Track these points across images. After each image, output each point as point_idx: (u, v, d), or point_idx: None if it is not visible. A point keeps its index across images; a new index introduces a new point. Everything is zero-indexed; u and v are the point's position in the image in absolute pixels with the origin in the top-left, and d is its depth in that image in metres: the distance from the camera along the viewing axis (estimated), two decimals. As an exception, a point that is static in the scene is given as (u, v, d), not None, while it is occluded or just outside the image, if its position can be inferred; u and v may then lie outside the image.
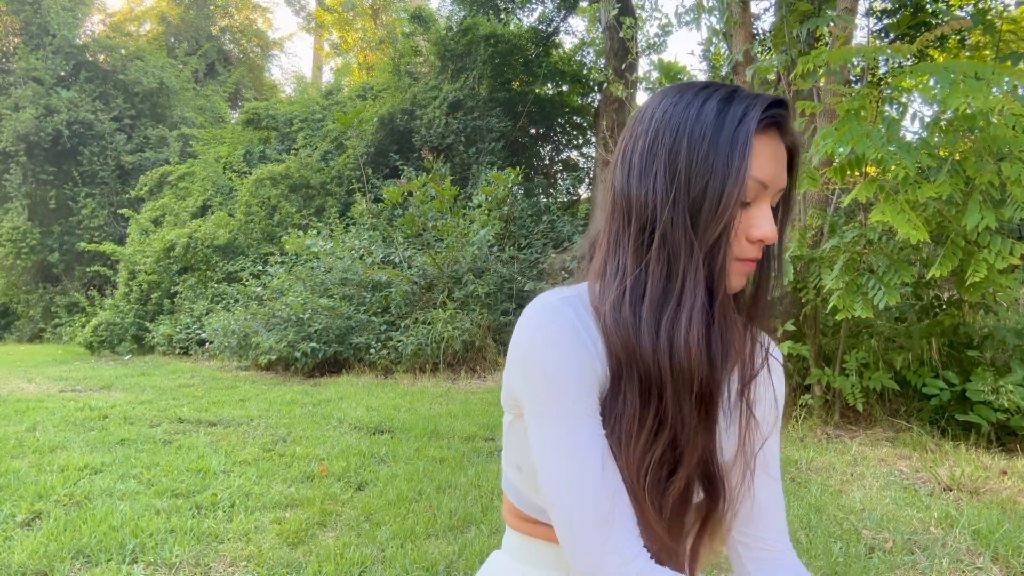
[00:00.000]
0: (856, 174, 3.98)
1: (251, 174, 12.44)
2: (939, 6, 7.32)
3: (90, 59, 16.85)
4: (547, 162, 14.37)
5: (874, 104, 3.82)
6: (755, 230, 0.75)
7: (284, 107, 15.05)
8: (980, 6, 7.27)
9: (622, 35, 9.02)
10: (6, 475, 3.76)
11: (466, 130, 11.71)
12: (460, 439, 4.65)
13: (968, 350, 4.56)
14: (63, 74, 16.30)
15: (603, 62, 12.58)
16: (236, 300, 10.27)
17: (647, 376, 0.73)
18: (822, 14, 5.24)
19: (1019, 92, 3.31)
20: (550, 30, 13.46)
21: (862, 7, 5.86)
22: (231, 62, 21.89)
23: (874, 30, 7.69)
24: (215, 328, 9.21)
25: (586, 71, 13.74)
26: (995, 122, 3.55)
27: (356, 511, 3.25)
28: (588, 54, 13.91)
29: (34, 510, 3.20)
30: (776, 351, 0.90)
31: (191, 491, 3.52)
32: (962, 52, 7.51)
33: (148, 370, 9.07)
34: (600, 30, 12.51)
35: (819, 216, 4.88)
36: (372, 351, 8.14)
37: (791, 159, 0.80)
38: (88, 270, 15.35)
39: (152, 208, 13.96)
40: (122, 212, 14.39)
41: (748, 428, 0.83)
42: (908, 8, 7.51)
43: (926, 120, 3.88)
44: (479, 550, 2.74)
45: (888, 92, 3.87)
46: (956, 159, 3.65)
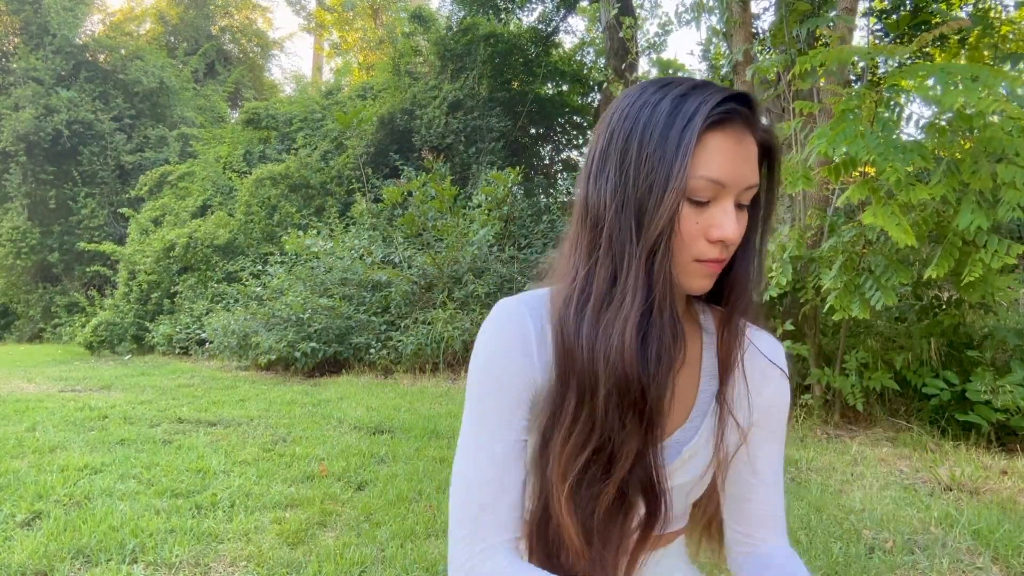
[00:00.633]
0: (856, 174, 3.98)
1: (251, 174, 12.44)
2: (939, 6, 7.32)
3: (90, 59, 16.84)
4: (547, 162, 14.37)
5: (871, 104, 3.82)
6: (714, 230, 0.71)
7: (284, 107, 15.04)
8: (980, 6, 7.28)
9: (622, 35, 9.02)
10: (6, 475, 3.76)
11: (466, 130, 11.71)
12: (460, 439, 4.65)
13: (968, 350, 4.56)
14: (63, 74, 16.30)
15: (603, 62, 12.58)
16: (236, 300, 10.27)
17: (583, 379, 0.73)
18: (821, 14, 5.24)
19: (1019, 93, 3.30)
20: (550, 30, 13.46)
21: (862, 7, 5.87)
22: (231, 62, 21.89)
23: (873, 30, 7.70)
24: (215, 328, 9.21)
25: (586, 71, 13.74)
26: (995, 121, 3.54)
27: (356, 511, 3.25)
28: (588, 54, 13.91)
29: (34, 510, 3.20)
30: (779, 358, 0.87)
31: (191, 491, 3.52)
32: (962, 52, 7.51)
33: (148, 370, 9.07)
34: (600, 30, 12.52)
35: (818, 216, 4.88)
36: (372, 351, 8.15)
37: (767, 156, 0.77)
38: (88, 270, 15.35)
39: (152, 208, 13.96)
40: (122, 212, 14.40)
41: (722, 430, 0.82)
42: (907, 8, 7.52)
43: (922, 122, 3.88)
44: (479, 550, 2.73)
45: (887, 94, 3.86)
46: (954, 159, 3.64)
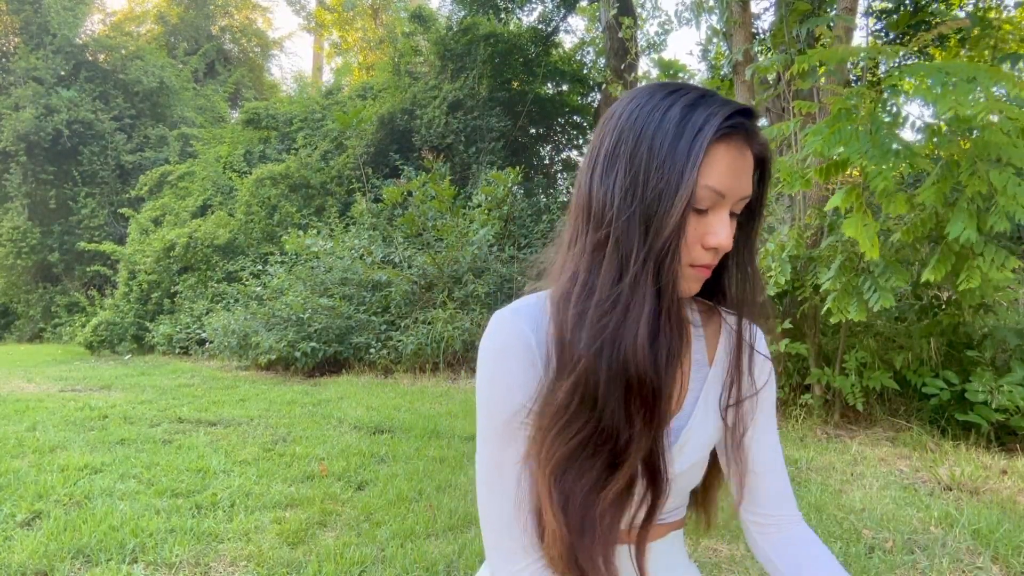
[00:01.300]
0: (854, 173, 3.97)
1: (251, 174, 12.43)
2: (939, 6, 7.32)
3: (90, 59, 16.85)
4: (547, 162, 14.38)
5: (870, 104, 3.82)
6: (711, 237, 0.76)
7: (284, 107, 15.04)
8: (979, 6, 7.27)
9: (621, 35, 9.02)
10: (6, 475, 3.76)
11: (466, 130, 11.71)
12: (460, 439, 4.65)
13: (968, 350, 4.55)
14: (63, 74, 16.30)
15: (603, 62, 12.59)
16: (236, 300, 10.27)
17: (582, 375, 0.74)
18: (821, 14, 5.24)
19: (1015, 94, 3.30)
20: (550, 30, 13.46)
21: (861, 6, 5.86)
22: (231, 62, 21.89)
23: (873, 30, 7.70)
24: (215, 328, 9.21)
25: (586, 71, 13.74)
26: (994, 121, 3.53)
27: (356, 511, 3.25)
28: (588, 54, 13.92)
29: (34, 510, 3.21)
30: (762, 346, 0.91)
31: (191, 491, 3.52)
32: (962, 52, 7.50)
33: (148, 370, 9.07)
34: (600, 29, 12.52)
35: (817, 215, 4.88)
36: (372, 351, 8.15)
37: (761, 168, 0.81)
38: (88, 270, 15.36)
39: (152, 208, 13.96)
40: (122, 212, 14.40)
41: (734, 425, 0.87)
42: (907, 8, 7.51)
43: (920, 125, 3.87)
44: (479, 550, 2.74)
45: (886, 93, 3.86)
46: (949, 161, 3.62)
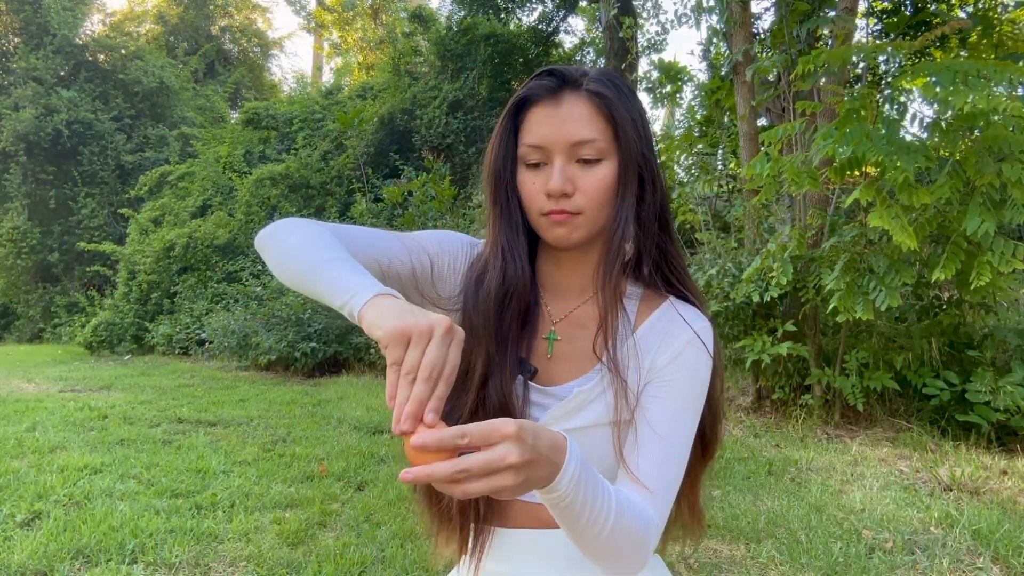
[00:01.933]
0: (856, 174, 3.97)
1: (251, 174, 12.43)
2: (940, 6, 7.31)
3: (90, 59, 16.84)
4: (547, 162, 14.36)
5: (873, 104, 3.82)
6: (546, 185, 0.82)
7: (284, 107, 15.03)
8: (980, 6, 7.27)
9: (621, 35, 9.01)
10: (6, 475, 3.76)
11: (466, 130, 11.71)
12: (460, 439, 4.65)
13: (968, 350, 4.55)
14: (63, 74, 16.30)
15: (603, 62, 12.57)
16: (236, 300, 10.26)
17: (467, 326, 0.86)
18: (822, 14, 5.23)
19: (1020, 92, 3.30)
20: (550, 29, 13.45)
21: (862, 7, 5.86)
22: (231, 62, 21.88)
23: (873, 30, 7.69)
24: (215, 328, 9.20)
25: (586, 71, 13.71)
26: (996, 121, 3.54)
27: (356, 511, 3.24)
28: (588, 54, 13.90)
29: (34, 510, 3.20)
30: (697, 326, 0.85)
31: (191, 491, 3.52)
32: (962, 53, 7.50)
33: (148, 370, 9.06)
34: (600, 29, 12.52)
35: (819, 216, 4.88)
36: (372, 351, 8.14)
37: (607, 107, 0.83)
38: (88, 270, 15.35)
39: (152, 208, 13.95)
40: (122, 212, 14.39)
41: (616, 389, 0.85)
42: (907, 8, 7.51)
43: (926, 121, 3.87)
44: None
45: (888, 92, 3.86)
46: (956, 160, 3.63)
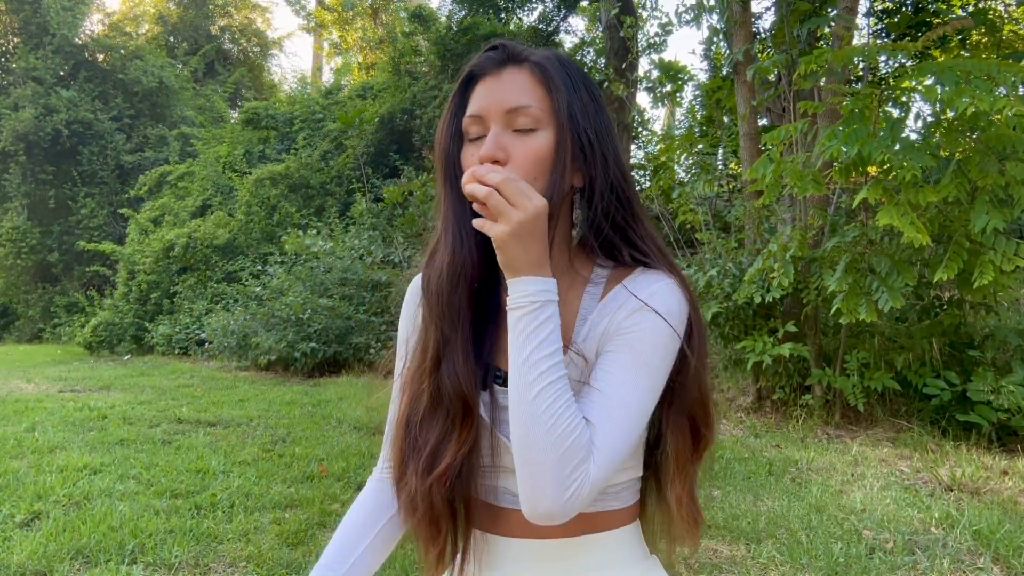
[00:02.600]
0: (858, 174, 3.97)
1: (251, 174, 12.43)
2: (940, 6, 7.31)
3: (89, 59, 16.84)
4: (547, 162, 14.36)
5: (875, 104, 3.81)
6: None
7: (284, 107, 15.03)
8: (980, 6, 7.27)
9: (622, 34, 9.00)
10: (5, 475, 3.76)
11: (466, 130, 11.69)
12: (460, 439, 4.64)
13: (969, 350, 4.55)
14: (62, 73, 16.29)
15: (603, 61, 12.57)
16: (235, 300, 10.25)
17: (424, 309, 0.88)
18: (822, 14, 5.23)
19: (1021, 91, 3.30)
20: (550, 29, 13.45)
21: (862, 7, 5.86)
22: (231, 62, 21.88)
23: (874, 30, 7.69)
24: (214, 328, 9.20)
25: (586, 70, 13.70)
26: (996, 120, 3.54)
27: (356, 511, 3.24)
28: (588, 54, 13.90)
29: (33, 510, 3.20)
30: (651, 284, 0.82)
31: (190, 491, 3.52)
32: (962, 53, 7.50)
33: (147, 370, 9.06)
34: (600, 29, 12.51)
35: (820, 216, 4.87)
36: (372, 351, 8.13)
37: (541, 73, 0.83)
38: (87, 270, 15.34)
39: (152, 208, 13.95)
40: (122, 212, 14.39)
41: (570, 372, 0.79)
42: (908, 8, 7.51)
43: (929, 120, 3.87)
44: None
45: (888, 92, 3.86)
46: (959, 159, 3.63)
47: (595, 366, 0.80)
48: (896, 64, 7.29)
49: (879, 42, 6.49)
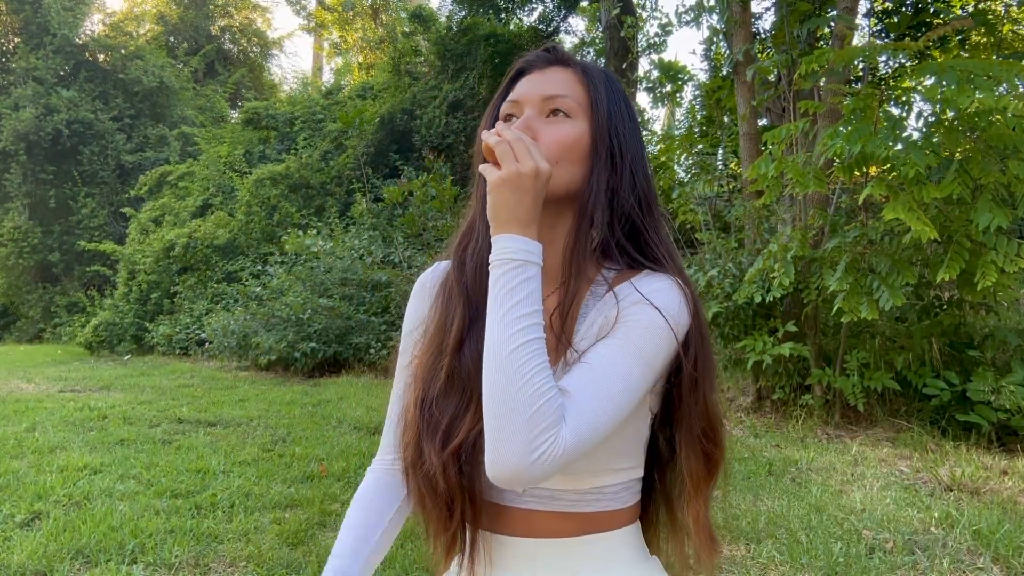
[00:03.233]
0: (860, 172, 3.97)
1: (251, 174, 12.43)
2: (939, 6, 7.31)
3: (90, 59, 16.84)
4: (547, 162, 14.35)
5: (876, 103, 3.81)
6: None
7: (284, 107, 15.03)
8: (980, 6, 7.27)
9: (623, 34, 9.01)
10: (5, 475, 3.76)
11: (466, 130, 11.70)
12: (460, 439, 4.64)
13: (969, 350, 4.55)
14: (63, 73, 16.30)
15: (603, 62, 12.57)
16: (236, 300, 10.26)
17: (451, 288, 0.88)
18: (822, 14, 5.23)
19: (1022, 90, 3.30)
20: (550, 30, 13.45)
21: (862, 7, 5.86)
22: (231, 62, 21.89)
23: (874, 30, 7.69)
24: (215, 328, 9.20)
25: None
26: (996, 120, 3.54)
27: (356, 511, 3.24)
28: (588, 54, 13.89)
29: (33, 510, 3.20)
30: (652, 282, 0.82)
31: (190, 491, 3.52)
32: (961, 53, 7.50)
33: (147, 370, 9.06)
34: (600, 29, 12.51)
35: (820, 216, 4.87)
36: (372, 351, 8.13)
37: (584, 73, 0.89)
38: (88, 270, 15.35)
39: (152, 208, 13.95)
40: (125, 211, 14.39)
41: (568, 362, 0.80)
42: (908, 9, 7.50)
43: (930, 119, 3.87)
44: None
45: (888, 92, 3.86)
46: (959, 159, 3.63)
47: (588, 348, 0.80)
48: (896, 64, 7.29)
49: (880, 42, 6.49)
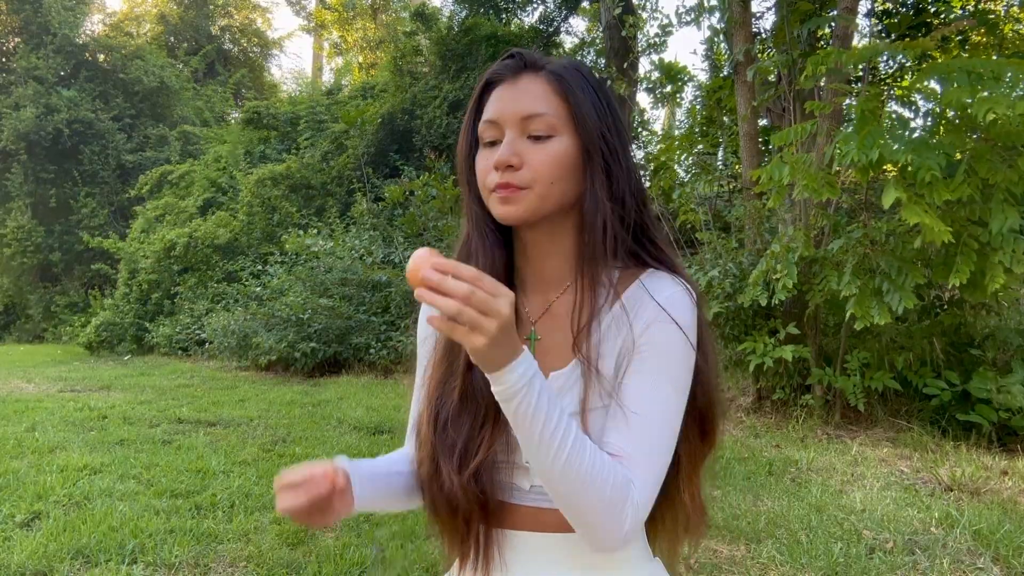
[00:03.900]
0: (875, 172, 3.95)
1: (252, 174, 12.43)
2: (939, 6, 7.30)
3: (90, 58, 16.86)
4: (548, 162, 14.35)
5: (879, 104, 3.80)
6: (496, 159, 0.83)
7: (284, 107, 15.04)
8: (981, 6, 7.26)
9: (624, 34, 9.00)
10: (5, 475, 3.76)
11: (467, 130, 11.69)
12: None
13: (970, 350, 4.55)
14: (63, 73, 16.31)
15: (603, 62, 12.57)
16: (236, 300, 10.26)
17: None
18: (822, 14, 5.23)
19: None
20: (551, 30, 13.45)
21: (862, 7, 5.86)
22: (231, 62, 21.90)
23: (875, 31, 7.68)
24: (215, 328, 9.20)
25: (588, 72, 13.72)
26: (996, 119, 3.52)
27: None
28: (588, 54, 13.89)
29: (33, 510, 3.20)
30: (669, 302, 0.81)
31: (190, 491, 3.52)
32: (962, 53, 7.49)
33: (147, 370, 9.06)
34: (601, 29, 12.51)
35: (822, 216, 4.87)
36: (372, 351, 8.14)
37: (558, 83, 0.85)
38: (89, 269, 15.36)
39: (152, 208, 13.96)
40: (134, 210, 14.40)
41: (587, 380, 0.80)
42: (908, 9, 7.50)
43: (932, 119, 3.86)
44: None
45: (890, 91, 3.86)
46: (969, 158, 3.61)
47: (624, 383, 0.81)
48: (896, 64, 7.27)
49: (885, 42, 6.48)
